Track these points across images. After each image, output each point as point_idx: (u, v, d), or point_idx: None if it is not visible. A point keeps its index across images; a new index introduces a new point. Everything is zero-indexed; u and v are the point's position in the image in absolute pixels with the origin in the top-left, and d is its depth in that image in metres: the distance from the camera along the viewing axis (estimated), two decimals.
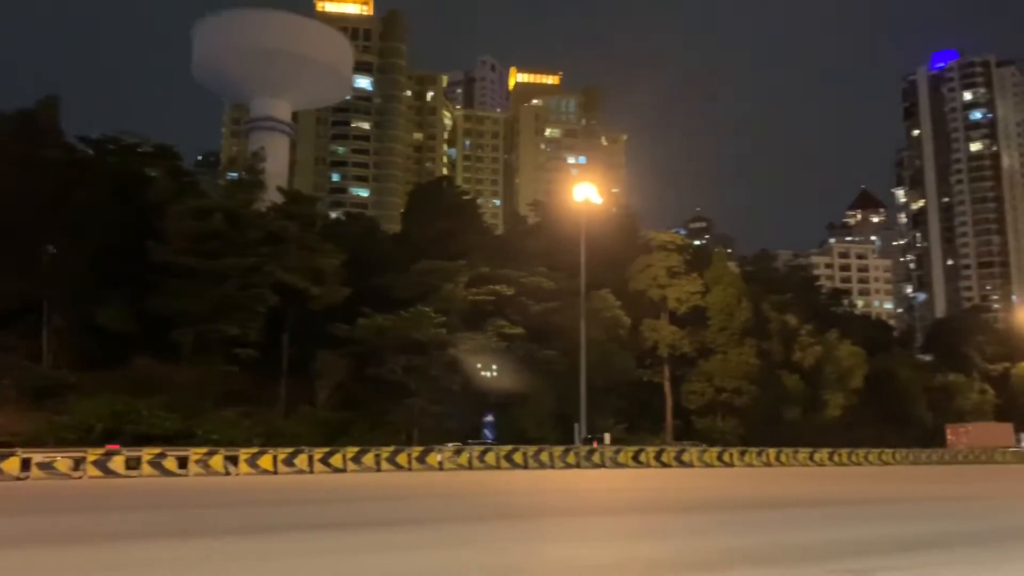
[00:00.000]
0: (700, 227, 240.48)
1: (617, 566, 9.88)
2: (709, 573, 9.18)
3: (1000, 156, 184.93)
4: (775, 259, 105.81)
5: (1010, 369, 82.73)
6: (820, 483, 30.62)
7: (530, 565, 9.92)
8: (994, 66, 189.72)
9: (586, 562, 10.19)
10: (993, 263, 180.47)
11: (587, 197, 49.92)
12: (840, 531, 14.16)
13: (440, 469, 36.73)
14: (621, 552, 11.25)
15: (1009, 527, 15.70)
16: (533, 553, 11.04)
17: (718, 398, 60.49)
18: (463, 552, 10.99)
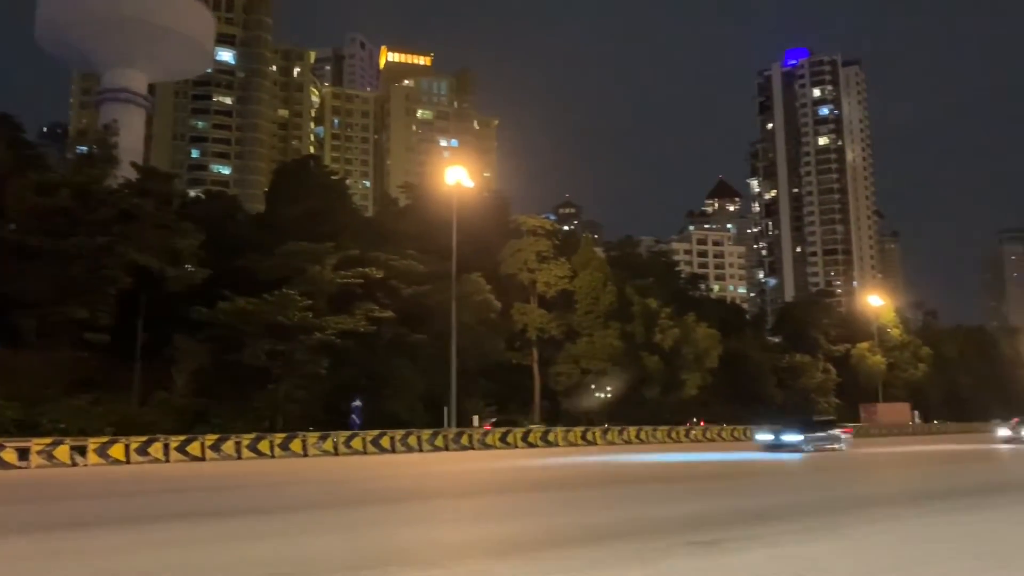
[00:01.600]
0: (569, 213, 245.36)
1: (469, 546, 10.05)
2: (562, 550, 9.48)
3: (844, 150, 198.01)
4: (639, 245, 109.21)
5: (851, 350, 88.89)
6: (675, 458, 32.05)
7: (383, 549, 9.92)
8: (840, 65, 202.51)
9: (440, 543, 10.30)
10: (837, 251, 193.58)
11: (459, 180, 49.85)
12: (691, 505, 14.93)
13: (304, 456, 36.01)
14: (474, 533, 11.45)
15: (840, 497, 16.98)
16: (387, 537, 11.05)
17: (584, 379, 62.13)
18: (315, 539, 10.88)
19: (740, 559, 8.78)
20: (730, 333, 76.59)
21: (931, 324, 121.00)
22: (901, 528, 11.53)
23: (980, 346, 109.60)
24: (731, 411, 68.99)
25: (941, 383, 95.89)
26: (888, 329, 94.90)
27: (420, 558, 9.04)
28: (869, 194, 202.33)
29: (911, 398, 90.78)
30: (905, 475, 24.75)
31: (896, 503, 15.52)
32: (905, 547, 9.77)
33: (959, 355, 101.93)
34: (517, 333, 62.12)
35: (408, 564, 8.63)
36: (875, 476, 24.24)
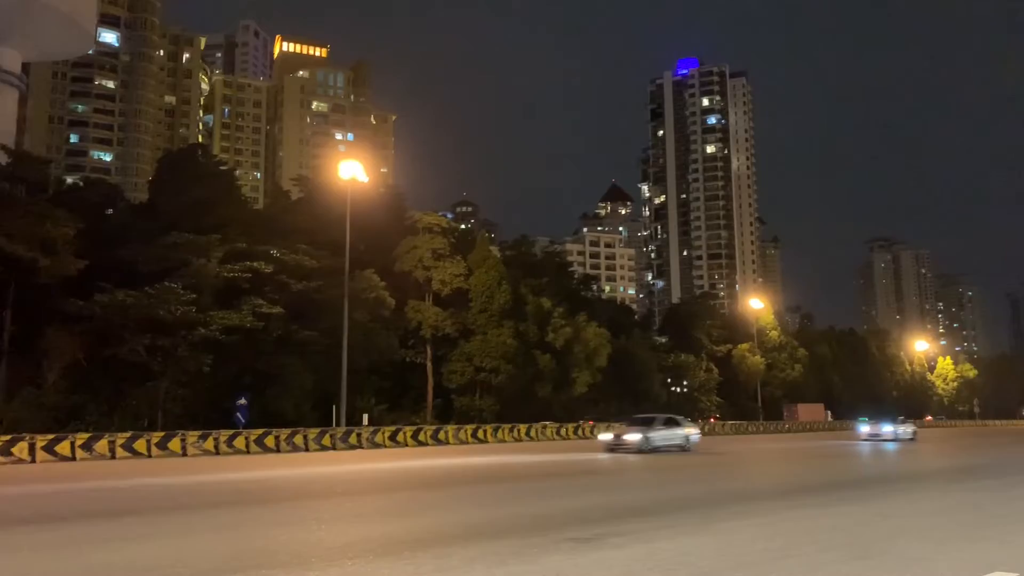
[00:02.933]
0: (466, 211, 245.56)
1: (347, 546, 9.96)
2: (441, 548, 9.51)
3: (730, 159, 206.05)
4: (534, 245, 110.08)
5: (732, 350, 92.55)
6: (559, 456, 32.60)
7: (259, 550, 9.72)
8: (728, 76, 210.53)
9: (318, 544, 10.17)
10: (721, 255, 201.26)
11: (354, 175, 49.08)
12: (572, 502, 15.23)
13: (184, 455, 34.73)
14: (354, 532, 11.35)
15: (714, 492, 17.66)
16: (263, 537, 10.83)
17: (477, 377, 62.35)
18: (188, 541, 10.56)
19: (619, 554, 9.03)
20: (619, 333, 78.45)
21: (807, 326, 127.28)
22: (769, 521, 12.10)
23: (851, 348, 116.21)
24: (619, 408, 70.65)
25: (816, 383, 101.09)
26: (767, 331, 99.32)
27: (296, 559, 8.90)
28: (752, 201, 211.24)
29: (788, 397, 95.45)
30: (764, 471, 25.97)
31: (766, 497, 16.25)
32: (773, 539, 10.26)
33: (832, 356, 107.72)
34: (411, 331, 61.75)
35: (283, 565, 8.48)
36: (743, 471, 25.34)
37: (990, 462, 27.62)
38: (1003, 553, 8.92)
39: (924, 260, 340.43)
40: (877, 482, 19.60)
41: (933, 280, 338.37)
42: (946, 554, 8.97)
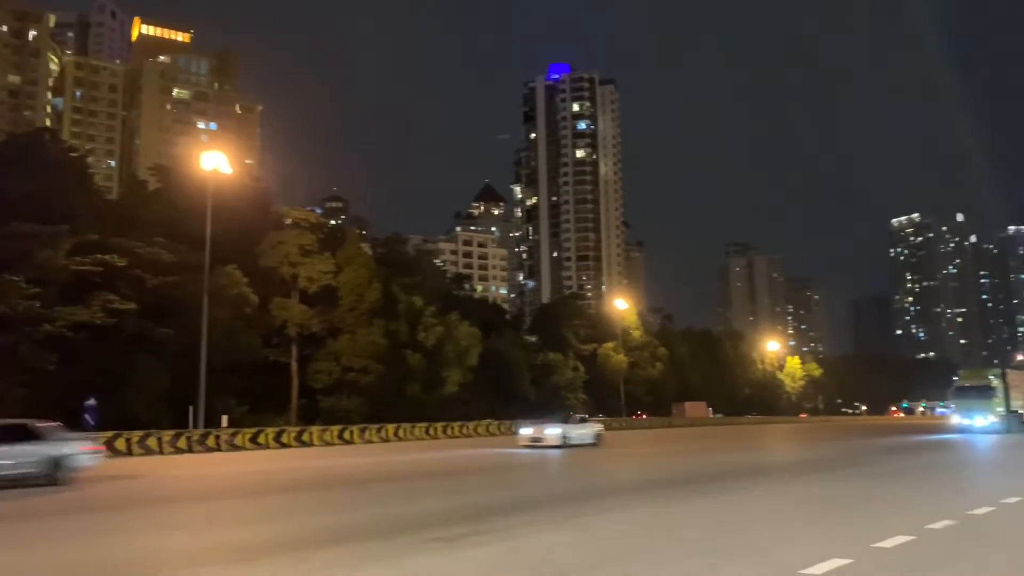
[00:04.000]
0: (336, 207, 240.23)
1: (201, 553, 9.56)
2: (300, 552, 9.28)
3: (599, 164, 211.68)
4: (406, 243, 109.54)
5: (597, 349, 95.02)
6: (429, 455, 32.50)
7: (107, 559, 9.18)
8: (598, 83, 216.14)
9: (171, 551, 9.72)
10: (589, 257, 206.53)
11: (217, 166, 47.09)
12: (440, 501, 15.19)
13: None
14: (208, 539, 10.90)
15: (580, 489, 18.04)
16: (112, 546, 10.24)
17: (345, 377, 61.21)
18: (30, 552, 9.86)
19: (481, 553, 9.05)
20: (491, 332, 78.98)
21: (667, 327, 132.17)
22: (632, 516, 12.47)
23: (708, 347, 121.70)
24: (489, 408, 71.11)
25: (675, 380, 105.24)
26: (631, 330, 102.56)
27: (146, 568, 8.44)
28: (619, 205, 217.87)
29: (650, 394, 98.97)
30: (643, 466, 26.84)
31: (630, 492, 16.74)
32: (635, 534, 10.58)
33: (690, 355, 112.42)
34: (275, 329, 59.86)
35: (135, 575, 8.03)
36: (616, 467, 26.06)
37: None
38: (844, 540, 9.54)
39: (776, 265, 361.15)
40: (735, 476, 20.58)
41: (784, 284, 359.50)
42: (792, 543, 9.50)
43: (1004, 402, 50.73)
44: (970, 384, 52.40)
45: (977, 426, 48.78)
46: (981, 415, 49.29)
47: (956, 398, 52.74)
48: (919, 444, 36.70)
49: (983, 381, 52.10)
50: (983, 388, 50.82)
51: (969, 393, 50.98)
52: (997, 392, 50.66)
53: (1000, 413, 49.57)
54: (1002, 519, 11.34)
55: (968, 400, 50.59)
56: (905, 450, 31.67)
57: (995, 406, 49.79)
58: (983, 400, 50.04)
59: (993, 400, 50.11)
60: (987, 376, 53.39)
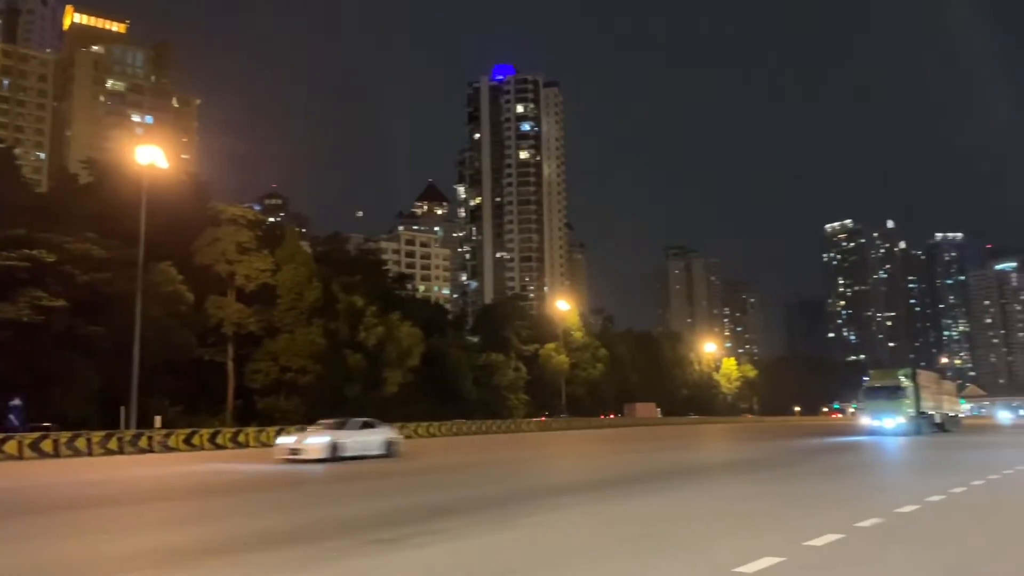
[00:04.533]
0: (275, 204, 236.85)
1: (131, 557, 9.30)
2: (235, 556, 9.10)
3: (542, 165, 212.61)
4: (348, 241, 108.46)
5: (539, 350, 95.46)
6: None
7: (31, 566, 8.86)
8: (542, 86, 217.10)
9: (98, 556, 9.43)
10: (532, 258, 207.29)
11: (152, 160, 45.93)
12: (378, 502, 15.06)
13: None
14: (139, 542, 10.62)
15: (515, 488, 18.09)
16: (37, 551, 9.88)
17: (283, 377, 60.32)
18: None
19: (420, 554, 9.00)
20: (433, 332, 78.69)
21: (608, 328, 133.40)
22: (573, 516, 12.55)
23: (647, 348, 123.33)
24: (430, 407, 70.85)
25: (615, 381, 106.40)
26: (572, 331, 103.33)
27: (73, 573, 8.17)
28: (561, 207, 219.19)
29: (590, 395, 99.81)
30: (573, 467, 27.02)
31: (571, 492, 16.83)
32: (576, 534, 10.64)
33: (630, 356, 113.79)
34: (212, 328, 58.63)
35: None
36: (551, 468, 26.17)
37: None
38: (776, 539, 9.74)
39: (714, 268, 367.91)
40: (670, 475, 20.86)
41: (721, 286, 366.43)
42: (727, 541, 9.67)
43: (914, 403, 48.38)
44: (880, 384, 50.08)
45: (887, 427, 46.67)
46: (890, 416, 46.95)
47: (866, 399, 50.20)
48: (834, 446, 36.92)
49: (893, 381, 49.67)
50: (893, 389, 48.43)
51: (879, 394, 48.80)
52: (907, 393, 48.20)
53: (910, 414, 47.41)
54: (927, 516, 11.73)
55: (878, 401, 48.41)
56: (831, 451, 32.54)
57: (905, 407, 47.46)
58: (893, 401, 47.71)
59: (903, 401, 47.70)
60: (897, 376, 50.75)
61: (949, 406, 57.19)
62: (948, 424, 54.38)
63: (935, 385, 55.28)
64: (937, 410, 52.73)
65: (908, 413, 47.16)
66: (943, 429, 52.33)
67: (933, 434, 47.77)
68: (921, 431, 46.98)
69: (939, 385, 56.70)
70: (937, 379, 57.86)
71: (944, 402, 55.49)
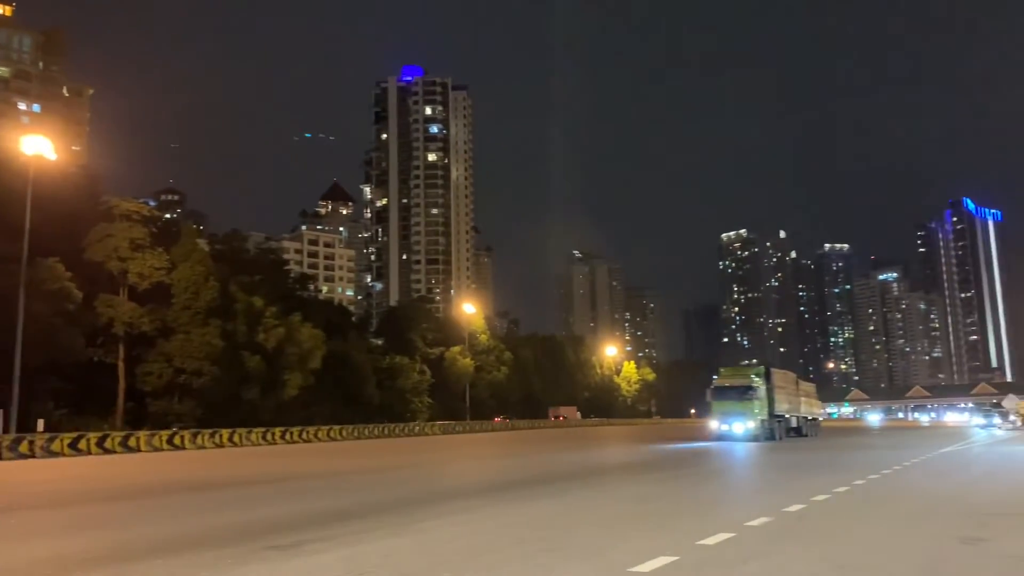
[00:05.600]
0: (172, 200, 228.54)
1: (17, 570, 8.83)
2: (123, 565, 8.75)
3: (450, 168, 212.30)
4: (247, 240, 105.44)
5: (444, 353, 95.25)
6: (266, 461, 31.49)
7: None
8: (451, 88, 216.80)
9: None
10: (438, 260, 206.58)
11: (39, 151, 43.67)
12: (276, 508, 14.74)
13: None
14: (24, 553, 10.09)
15: (415, 493, 18.02)
16: None
17: (177, 379, 58.24)
18: None
19: (317, 560, 8.85)
20: (335, 334, 77.44)
21: (513, 332, 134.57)
22: (472, 519, 12.57)
23: (551, 352, 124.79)
24: (331, 411, 69.69)
25: (519, 384, 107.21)
26: (478, 334, 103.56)
27: None
28: (469, 210, 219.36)
29: (494, 397, 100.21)
30: (474, 470, 27.10)
31: (471, 496, 16.85)
32: (474, 536, 10.67)
33: (534, 360, 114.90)
34: (101, 328, 56.10)
35: None
36: (452, 472, 26.17)
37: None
38: (670, 538, 10.03)
39: (616, 274, 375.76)
40: (569, 477, 21.16)
41: (623, 292, 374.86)
42: (623, 542, 9.89)
43: (767, 405, 44.05)
44: (729, 384, 44.86)
45: (736, 432, 42.24)
46: (740, 419, 42.48)
47: (715, 399, 44.50)
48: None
49: (744, 381, 44.56)
50: (743, 389, 43.33)
51: (729, 394, 43.61)
52: (759, 394, 43.42)
53: (762, 417, 43.09)
54: (814, 515, 12.28)
55: (727, 402, 43.39)
56: (725, 453, 33.66)
57: (756, 410, 42.89)
58: (743, 403, 42.87)
59: (754, 403, 42.93)
60: (748, 375, 45.55)
61: (807, 409, 54.21)
62: (806, 428, 51.80)
63: (792, 386, 51.29)
64: (794, 413, 49.50)
65: (760, 416, 42.97)
66: (800, 434, 50.07)
67: (789, 439, 45.71)
68: (775, 436, 44.01)
69: (797, 386, 52.76)
70: (795, 379, 53.75)
71: (802, 404, 52.23)
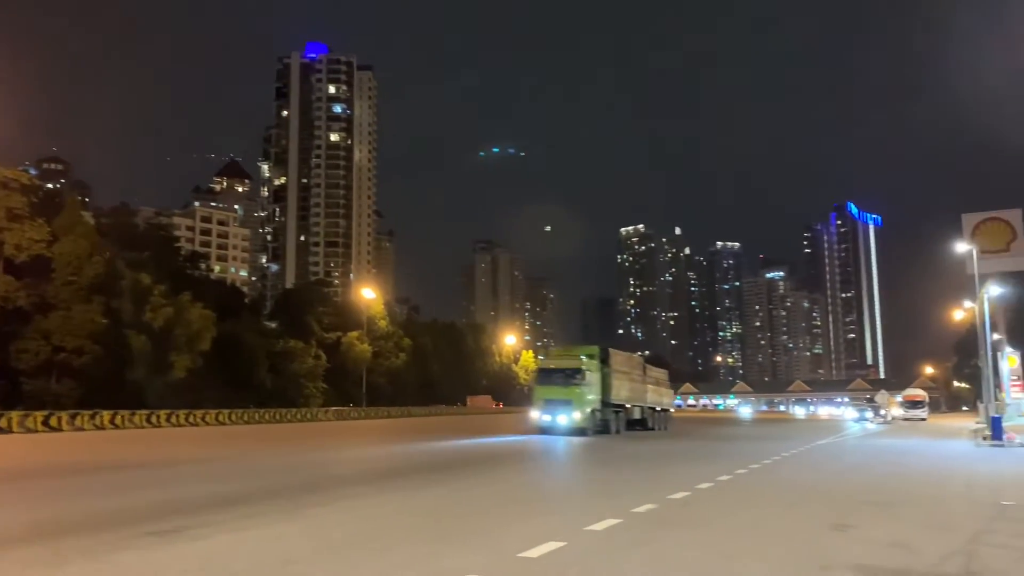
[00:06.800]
0: (56, 170, 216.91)
1: None
2: (1, 551, 8.28)
3: (353, 149, 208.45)
4: (136, 215, 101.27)
5: (341, 338, 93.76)
6: (150, 445, 30.37)
7: None
8: (356, 68, 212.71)
9: None
10: (338, 243, 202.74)
11: None
12: (158, 493, 14.23)
13: None
14: None
15: (305, 479, 17.73)
16: None
17: (55, 358, 55.30)
18: None
19: (198, 546, 8.59)
20: (227, 316, 75.13)
21: (413, 318, 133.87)
22: (360, 506, 12.46)
23: (451, 339, 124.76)
24: (222, 396, 67.64)
25: (418, 370, 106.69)
26: (377, 320, 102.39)
27: None
28: (371, 193, 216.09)
29: (392, 384, 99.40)
30: (367, 457, 26.89)
31: (359, 483, 16.68)
32: (363, 523, 10.57)
33: (434, 346, 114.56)
34: None
35: None
36: (344, 459, 25.87)
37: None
38: (558, 525, 10.20)
39: (518, 263, 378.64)
40: (461, 464, 21.24)
41: (523, 282, 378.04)
42: (512, 528, 10.00)
43: (600, 392, 37.61)
44: (556, 366, 38.34)
45: (561, 424, 35.89)
46: (564, 409, 35.97)
47: (538, 384, 38.26)
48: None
49: (572, 363, 37.49)
50: (571, 372, 36.75)
51: (554, 378, 37.17)
52: (589, 379, 36.80)
53: (593, 406, 36.78)
54: (697, 502, 12.73)
55: (552, 387, 36.77)
56: (623, 440, 34.47)
57: (586, 397, 36.36)
58: (570, 388, 36.31)
59: (584, 389, 36.38)
60: (578, 356, 38.11)
61: (656, 398, 46.95)
62: (653, 421, 45.48)
63: (638, 371, 44.24)
64: (638, 403, 42.87)
65: (589, 405, 36.62)
66: (646, 427, 43.92)
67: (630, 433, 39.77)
68: (610, 429, 37.94)
69: (644, 371, 45.50)
70: (641, 363, 46.34)
71: (649, 393, 45.24)
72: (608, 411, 38.31)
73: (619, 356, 41.79)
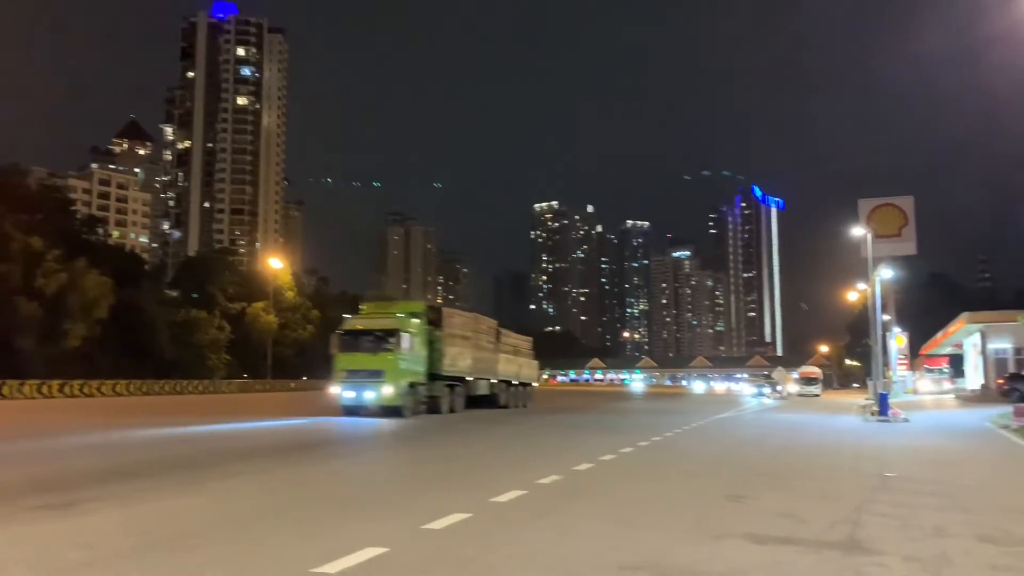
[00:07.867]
0: None
1: None
2: None
3: (262, 114, 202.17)
4: (28, 175, 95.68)
5: (247, 309, 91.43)
6: (40, 416, 29.11)
7: None
8: (266, 30, 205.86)
9: None
10: (244, 211, 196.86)
11: None
12: (49, 465, 13.69)
13: None
14: None
15: (206, 451, 17.32)
16: None
17: None
18: None
19: (91, 520, 8.29)
20: (126, 283, 72.30)
21: (323, 289, 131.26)
22: (265, 479, 12.27)
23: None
24: (119, 366, 65.22)
25: (326, 343, 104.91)
26: (284, 291, 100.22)
27: None
28: (280, 160, 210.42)
29: (298, 356, 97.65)
30: (271, 431, 26.46)
31: (262, 456, 16.40)
32: (265, 496, 10.42)
33: (341, 319, 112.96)
34: None
35: None
36: (249, 432, 25.36)
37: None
38: (464, 497, 10.28)
39: (431, 237, 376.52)
40: (367, 439, 21.11)
41: (437, 255, 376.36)
42: (418, 501, 10.04)
43: (425, 362, 29.70)
44: (364, 327, 29.30)
45: (369, 401, 27.82)
46: (373, 385, 27.48)
47: (341, 351, 28.90)
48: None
49: (386, 322, 29.20)
50: (384, 335, 28.23)
51: (362, 344, 28.43)
52: (406, 343, 28.17)
53: (409, 378, 28.26)
54: (598, 473, 13.03)
55: (359, 355, 28.27)
56: (518, 414, 34.87)
57: (401, 367, 27.85)
58: (381, 355, 27.85)
59: (399, 356, 27.82)
60: (393, 313, 30.68)
61: (511, 369, 38.82)
62: (507, 397, 37.82)
63: (487, 336, 36.17)
64: (483, 375, 34.88)
65: (408, 376, 28.34)
66: (496, 404, 36.23)
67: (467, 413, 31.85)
68: (441, 408, 30.31)
69: (496, 337, 37.55)
70: (493, 327, 37.55)
71: (500, 363, 37.05)
72: (438, 386, 30.49)
73: (458, 317, 33.74)
